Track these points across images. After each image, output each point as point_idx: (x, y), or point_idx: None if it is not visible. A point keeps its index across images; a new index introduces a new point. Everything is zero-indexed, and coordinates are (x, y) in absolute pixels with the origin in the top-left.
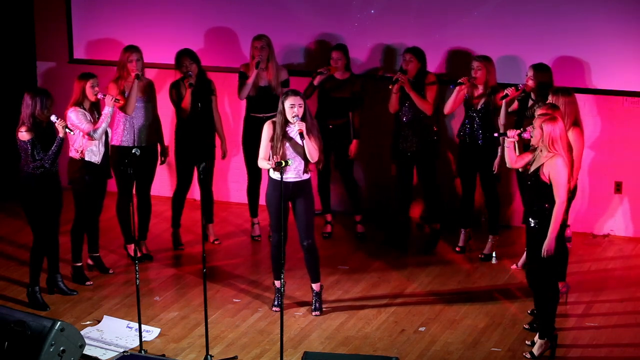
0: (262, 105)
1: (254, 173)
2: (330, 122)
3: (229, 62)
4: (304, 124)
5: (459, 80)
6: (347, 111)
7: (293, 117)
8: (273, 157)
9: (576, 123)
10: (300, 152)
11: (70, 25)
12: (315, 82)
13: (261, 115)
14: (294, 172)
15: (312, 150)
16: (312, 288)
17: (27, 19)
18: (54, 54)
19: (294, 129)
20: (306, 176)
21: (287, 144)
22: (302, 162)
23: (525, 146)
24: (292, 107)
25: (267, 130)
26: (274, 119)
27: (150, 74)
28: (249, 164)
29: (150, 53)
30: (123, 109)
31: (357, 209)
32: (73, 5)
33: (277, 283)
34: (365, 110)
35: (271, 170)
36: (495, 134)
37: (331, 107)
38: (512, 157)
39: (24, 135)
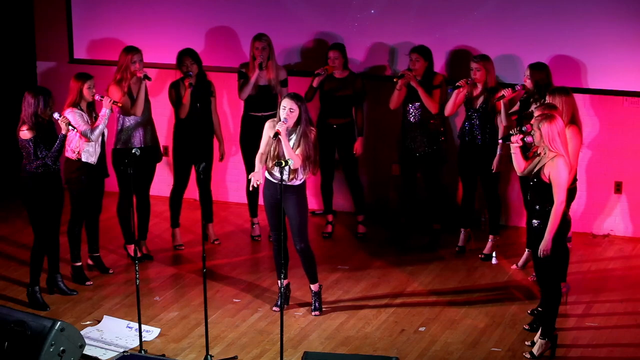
0: (262, 104)
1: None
2: (334, 122)
3: (229, 62)
4: (284, 125)
5: (457, 84)
6: (350, 110)
7: (283, 119)
8: (270, 158)
9: (573, 121)
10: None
11: (70, 25)
12: (315, 84)
13: (260, 114)
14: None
15: (290, 155)
16: (310, 289)
17: (27, 19)
18: (54, 54)
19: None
20: (294, 182)
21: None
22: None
23: (527, 150)
24: (283, 109)
25: (266, 128)
26: (274, 119)
27: (149, 74)
28: (248, 163)
29: (150, 53)
30: (132, 111)
31: (360, 209)
32: (73, 5)
33: (279, 283)
34: (365, 110)
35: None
36: (500, 140)
37: (334, 107)
38: (520, 164)
39: (25, 134)
